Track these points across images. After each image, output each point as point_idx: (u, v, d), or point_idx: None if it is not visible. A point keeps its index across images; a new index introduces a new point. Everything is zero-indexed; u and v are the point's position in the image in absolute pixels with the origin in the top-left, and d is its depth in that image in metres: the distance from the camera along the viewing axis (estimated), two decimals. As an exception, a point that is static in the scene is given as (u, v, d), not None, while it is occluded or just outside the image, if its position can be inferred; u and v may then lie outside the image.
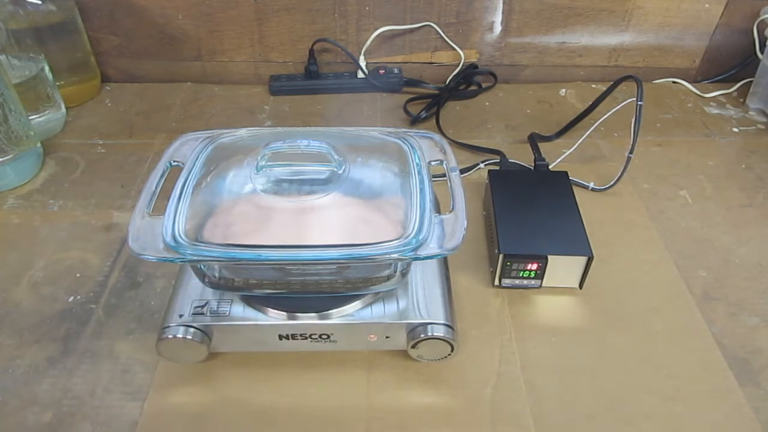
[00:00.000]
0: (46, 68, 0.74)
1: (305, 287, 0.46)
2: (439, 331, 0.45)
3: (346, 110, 0.84)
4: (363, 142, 0.50)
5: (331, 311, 0.45)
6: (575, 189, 0.60)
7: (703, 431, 0.45)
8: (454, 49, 0.88)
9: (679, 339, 0.52)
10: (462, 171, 0.70)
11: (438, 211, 0.43)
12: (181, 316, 0.45)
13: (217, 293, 0.47)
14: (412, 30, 0.86)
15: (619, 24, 0.86)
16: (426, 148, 0.48)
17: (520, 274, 0.54)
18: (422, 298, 0.47)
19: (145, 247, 0.39)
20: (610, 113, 0.66)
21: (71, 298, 0.55)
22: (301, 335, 0.46)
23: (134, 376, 0.49)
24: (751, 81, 0.84)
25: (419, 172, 0.45)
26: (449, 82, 0.87)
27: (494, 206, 0.57)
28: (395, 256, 0.39)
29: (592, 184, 0.68)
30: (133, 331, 0.52)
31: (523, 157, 0.71)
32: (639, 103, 0.63)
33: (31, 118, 0.72)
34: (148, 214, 0.41)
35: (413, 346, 0.46)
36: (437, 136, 0.50)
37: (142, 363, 0.49)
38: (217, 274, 0.45)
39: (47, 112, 0.76)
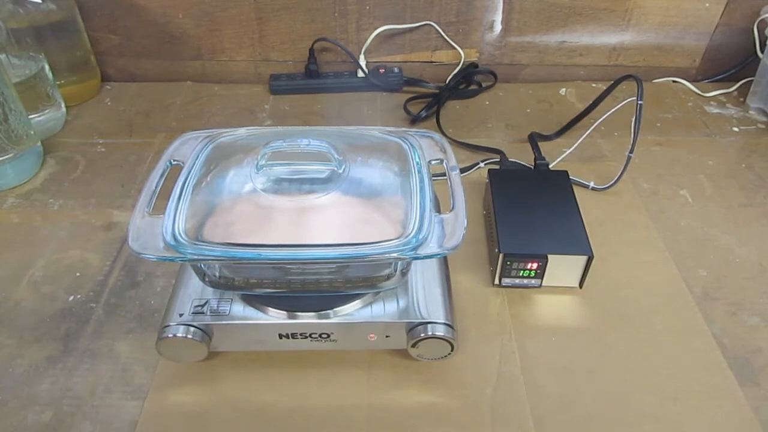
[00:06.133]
0: (46, 67, 0.74)
1: (305, 286, 0.46)
2: (439, 331, 0.45)
3: (346, 109, 0.84)
4: (363, 141, 0.50)
5: (331, 310, 0.45)
6: (575, 188, 0.60)
7: (703, 431, 0.45)
8: (455, 49, 0.88)
9: (679, 339, 0.52)
10: (462, 170, 0.70)
11: (438, 210, 0.43)
12: (181, 315, 0.45)
13: (217, 292, 0.47)
14: (412, 29, 0.86)
15: (619, 23, 0.85)
16: (426, 147, 0.48)
17: (520, 274, 0.54)
18: (422, 298, 0.47)
19: (146, 247, 0.39)
20: (610, 113, 0.66)
21: (71, 298, 0.55)
22: (301, 334, 0.46)
23: (134, 376, 0.49)
24: (752, 80, 0.84)
25: (419, 172, 0.45)
26: (449, 81, 0.87)
27: (494, 205, 0.57)
28: (395, 255, 0.39)
29: (592, 184, 0.68)
30: (133, 331, 0.52)
31: (523, 157, 0.71)
32: (639, 102, 0.63)
33: (31, 117, 0.72)
34: (149, 214, 0.41)
35: (413, 346, 0.46)
36: (437, 136, 0.50)
37: (142, 362, 0.49)
38: (217, 273, 0.45)
39: (47, 111, 0.76)
